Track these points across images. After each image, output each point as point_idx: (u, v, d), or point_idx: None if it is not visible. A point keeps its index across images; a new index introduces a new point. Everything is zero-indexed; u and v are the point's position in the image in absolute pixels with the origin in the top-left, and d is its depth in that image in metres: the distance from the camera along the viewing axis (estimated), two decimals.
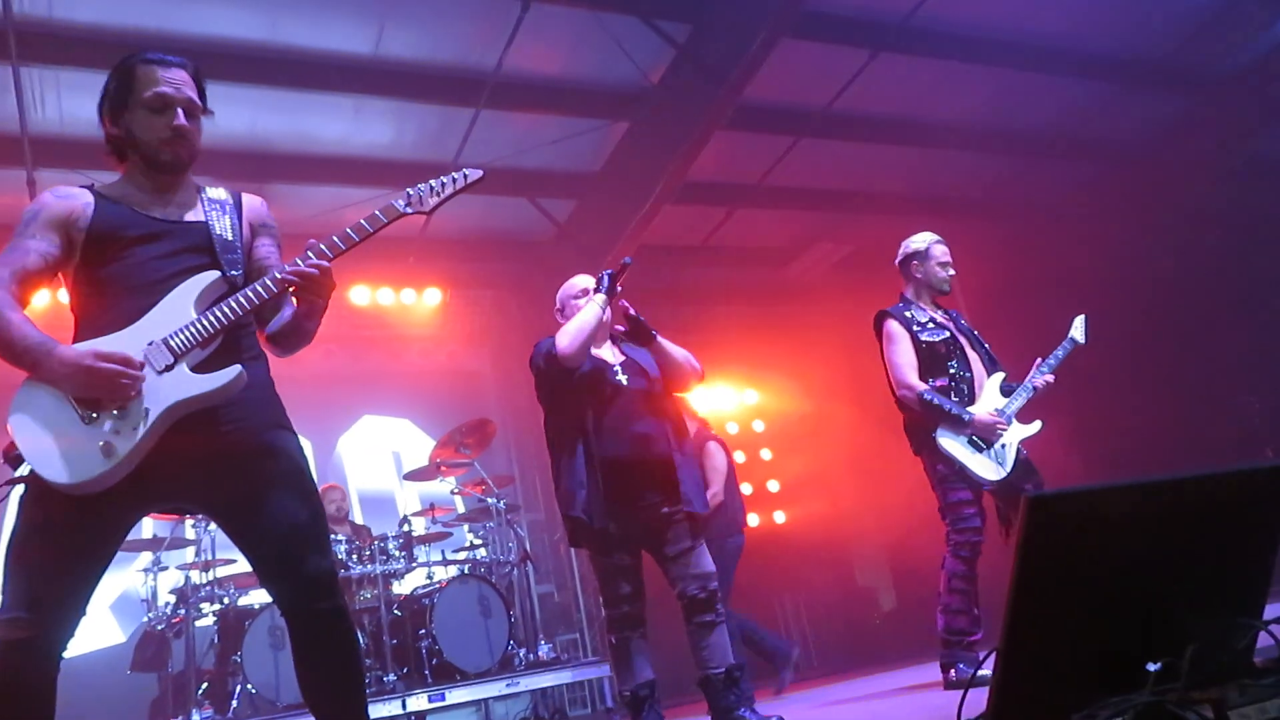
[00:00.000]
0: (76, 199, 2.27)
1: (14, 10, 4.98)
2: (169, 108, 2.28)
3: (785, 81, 6.65)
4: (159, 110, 2.28)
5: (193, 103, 2.33)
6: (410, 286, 8.06)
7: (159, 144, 2.29)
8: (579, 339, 3.59)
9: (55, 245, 2.21)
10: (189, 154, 2.35)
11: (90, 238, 2.23)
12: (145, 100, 2.27)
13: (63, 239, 2.22)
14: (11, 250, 2.19)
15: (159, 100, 2.27)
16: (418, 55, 6.17)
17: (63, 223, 2.23)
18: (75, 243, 2.23)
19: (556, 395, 3.75)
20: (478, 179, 2.47)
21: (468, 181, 2.46)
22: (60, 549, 2.07)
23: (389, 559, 5.71)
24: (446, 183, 2.44)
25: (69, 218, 2.23)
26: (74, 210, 2.24)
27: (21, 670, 2.03)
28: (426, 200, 2.41)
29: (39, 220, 2.22)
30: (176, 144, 2.31)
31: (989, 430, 4.10)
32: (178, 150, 2.32)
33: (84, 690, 4.99)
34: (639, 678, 3.59)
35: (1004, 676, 1.59)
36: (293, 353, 2.41)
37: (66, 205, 2.25)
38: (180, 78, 2.32)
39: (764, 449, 9.88)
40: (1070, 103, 7.67)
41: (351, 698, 2.24)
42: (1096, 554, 1.61)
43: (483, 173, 2.47)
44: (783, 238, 9.23)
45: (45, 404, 2.08)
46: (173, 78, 2.30)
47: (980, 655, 3.89)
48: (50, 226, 2.22)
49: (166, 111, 2.28)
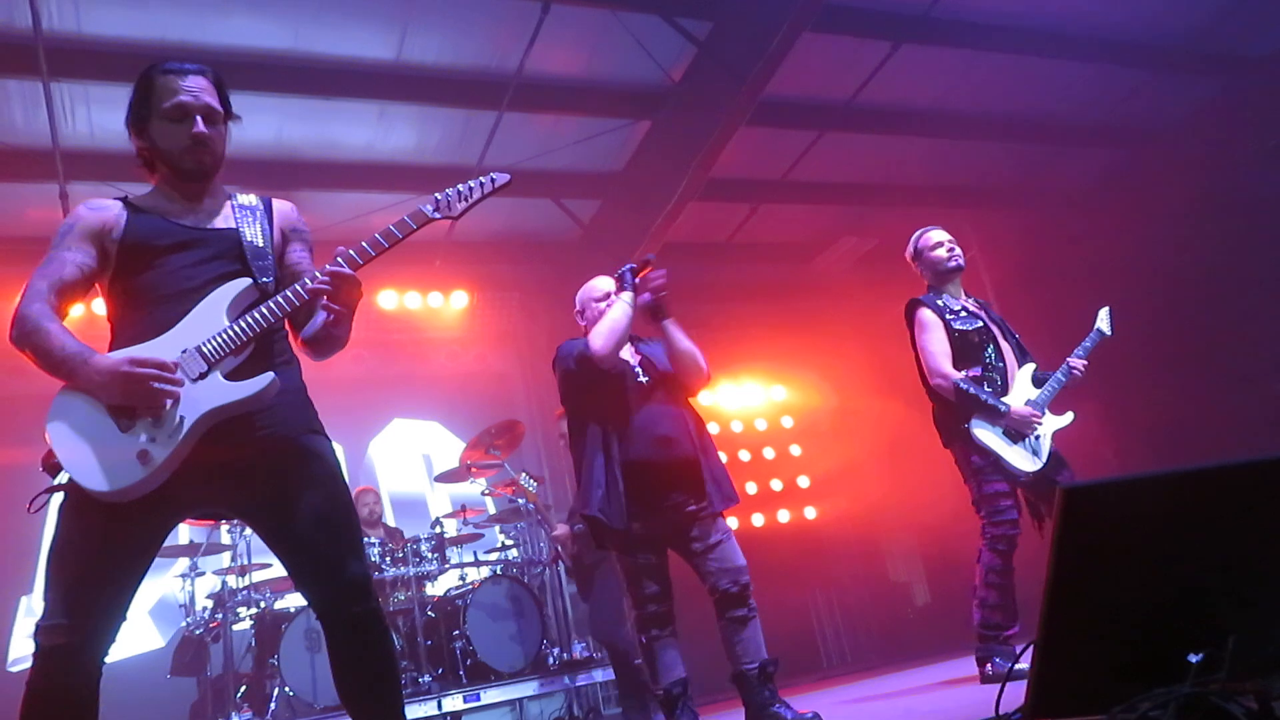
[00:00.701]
0: (109, 210, 2.30)
1: (44, 27, 5.05)
2: (188, 116, 2.30)
3: (807, 76, 6.63)
4: (178, 119, 2.30)
5: (212, 109, 2.34)
6: (437, 290, 8.11)
7: (180, 152, 2.32)
8: (612, 339, 3.58)
9: (91, 257, 2.25)
10: (212, 160, 2.37)
11: (124, 248, 2.26)
12: (165, 111, 2.30)
13: (98, 250, 2.26)
14: (49, 263, 2.23)
15: (178, 110, 2.30)
16: (440, 60, 6.19)
17: (97, 234, 2.26)
18: (110, 254, 2.26)
19: (579, 397, 3.76)
20: (505, 183, 2.46)
21: (495, 186, 2.45)
22: (99, 556, 2.10)
23: (422, 561, 5.75)
24: (474, 187, 2.43)
25: (103, 229, 2.27)
26: (107, 221, 2.28)
27: (65, 677, 2.06)
28: (455, 205, 2.41)
29: (74, 233, 2.26)
30: (198, 151, 2.32)
31: (1025, 424, 4.05)
32: (199, 157, 2.33)
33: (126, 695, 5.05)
34: (671, 676, 3.59)
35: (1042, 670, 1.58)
36: (327, 357, 2.43)
37: (100, 217, 2.28)
38: (198, 85, 2.33)
39: (793, 445, 9.84)
40: (1096, 88, 7.58)
41: (388, 699, 2.26)
42: (1134, 545, 1.60)
43: (510, 177, 2.46)
44: (807, 233, 9.19)
45: (82, 412, 2.11)
46: (190, 85, 2.32)
47: (1017, 649, 3.86)
48: (85, 238, 2.25)
49: (185, 120, 2.30)
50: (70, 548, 2.11)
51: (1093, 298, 4.50)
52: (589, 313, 3.87)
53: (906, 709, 3.86)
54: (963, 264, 4.44)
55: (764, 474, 9.51)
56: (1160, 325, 7.35)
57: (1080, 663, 1.60)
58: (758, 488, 9.39)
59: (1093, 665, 1.61)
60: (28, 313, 2.15)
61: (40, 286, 2.18)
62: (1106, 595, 1.59)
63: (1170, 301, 7.49)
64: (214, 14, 5.45)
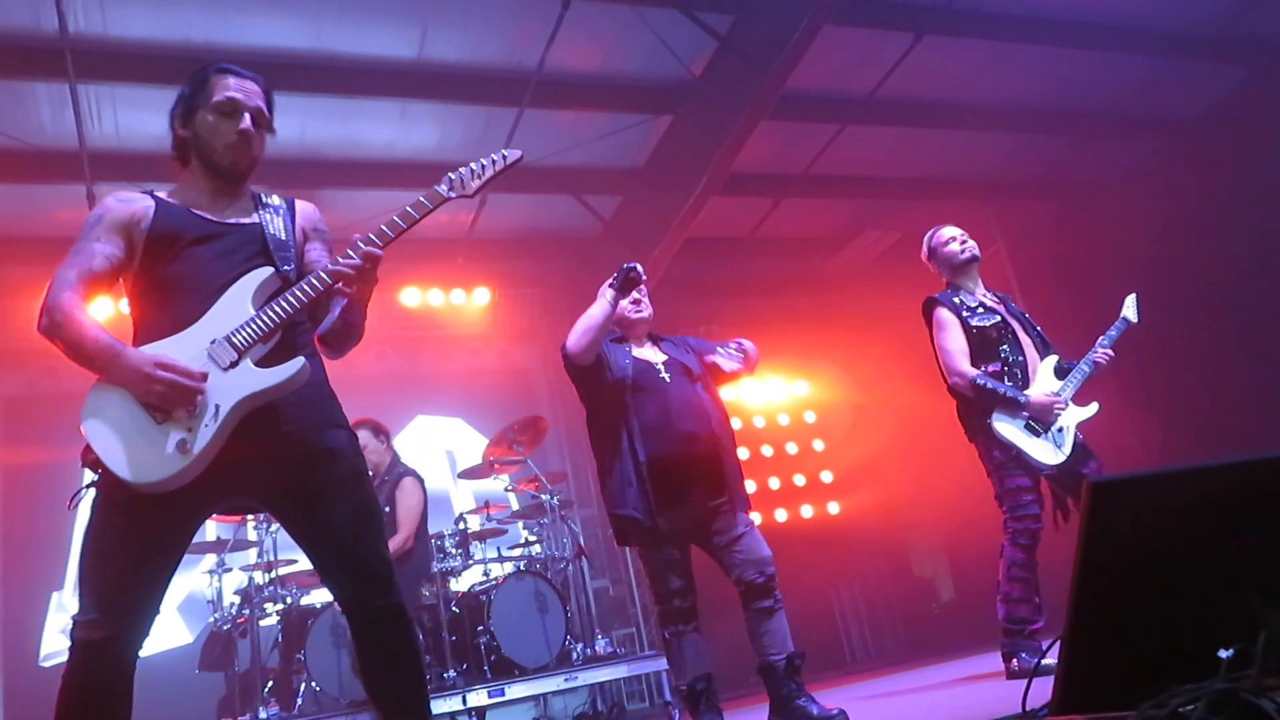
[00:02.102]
0: (138, 203, 2.33)
1: (70, 29, 5.10)
2: (238, 112, 2.36)
3: (829, 69, 6.60)
4: (228, 114, 2.36)
5: (261, 112, 2.41)
6: (460, 287, 8.14)
7: (224, 147, 2.36)
8: (586, 336, 3.61)
9: (119, 248, 2.28)
10: (248, 161, 2.41)
11: (150, 239, 2.29)
12: (216, 104, 2.35)
13: (125, 241, 2.29)
14: (77, 253, 2.25)
15: (230, 104, 2.36)
16: (460, 57, 6.21)
17: (125, 226, 2.29)
18: (137, 245, 2.29)
19: (599, 395, 3.76)
20: (516, 159, 2.48)
21: (507, 162, 2.47)
22: (133, 552, 2.12)
23: (446, 556, 5.77)
24: (486, 165, 2.45)
25: (131, 220, 2.30)
26: (135, 213, 2.31)
27: (101, 672, 2.09)
28: (468, 183, 2.43)
29: (103, 223, 2.28)
30: (239, 149, 2.37)
31: (1046, 411, 4.02)
32: (238, 155, 2.38)
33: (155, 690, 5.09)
34: (694, 671, 3.59)
35: (1069, 665, 1.57)
36: (344, 352, 2.44)
37: (129, 209, 2.31)
38: (252, 88, 2.41)
39: (815, 440, 9.82)
40: (1121, 79, 7.50)
41: (413, 693, 2.28)
42: (1162, 540, 1.58)
43: (521, 153, 2.48)
44: (829, 227, 9.15)
45: (117, 407, 2.13)
46: (245, 86, 2.39)
47: (1043, 644, 3.83)
48: (114, 229, 2.28)
49: (235, 116, 2.36)
50: (104, 544, 2.13)
51: (1118, 289, 4.46)
52: None
53: (931, 704, 3.85)
54: (977, 255, 4.42)
55: (787, 469, 9.50)
56: (1188, 315, 7.27)
57: (1108, 658, 1.58)
58: (780, 483, 9.38)
59: (1120, 660, 1.59)
60: (57, 302, 2.17)
61: (69, 276, 2.21)
62: (1135, 590, 1.58)
63: (1198, 292, 7.41)
64: (237, 14, 5.49)
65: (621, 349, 3.80)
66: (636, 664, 5.83)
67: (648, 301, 3.88)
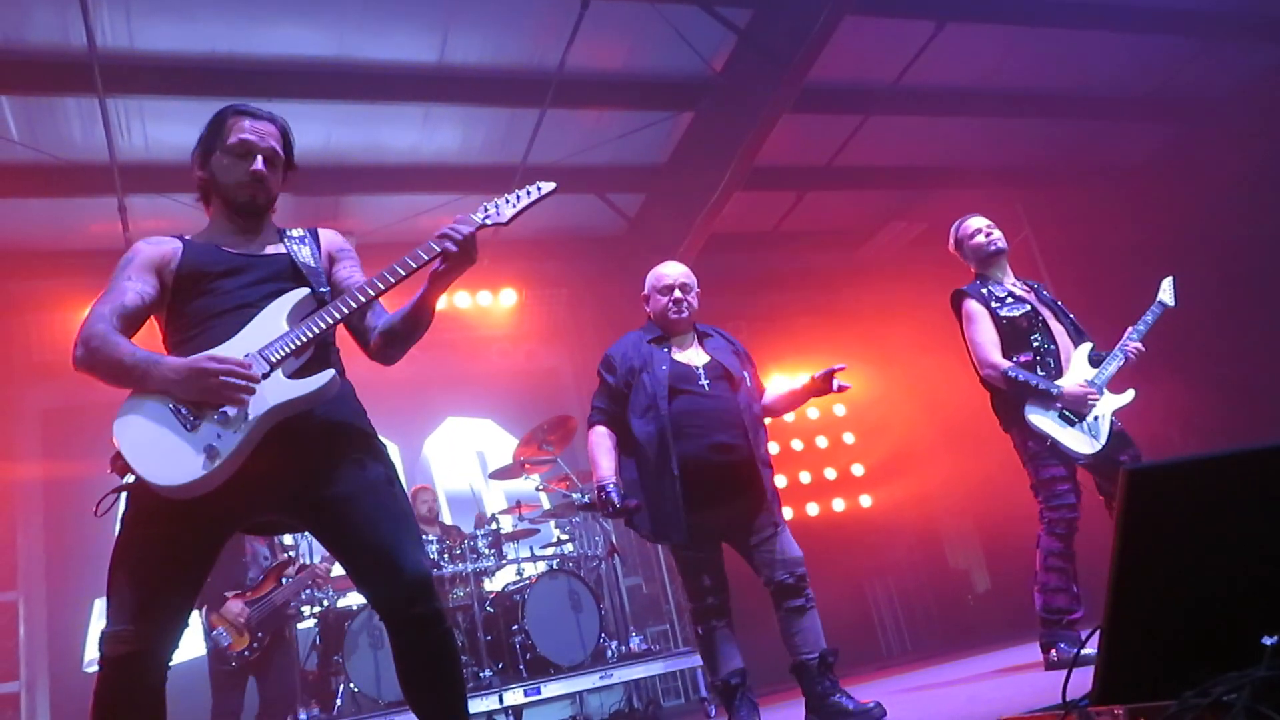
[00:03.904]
0: (167, 244, 2.40)
1: (98, 44, 5.18)
2: (250, 154, 2.40)
3: (851, 60, 6.56)
4: (242, 155, 2.40)
5: (275, 152, 2.45)
6: (486, 289, 8.19)
7: (237, 186, 2.42)
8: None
9: (152, 286, 2.33)
10: (265, 198, 2.46)
11: (180, 278, 2.35)
12: (230, 146, 2.40)
13: (158, 280, 2.34)
14: (109, 291, 2.30)
15: (242, 146, 2.40)
16: (482, 60, 6.24)
17: (157, 266, 2.35)
18: (167, 285, 2.35)
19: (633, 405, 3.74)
20: (550, 191, 2.53)
21: (541, 194, 2.52)
22: (162, 563, 2.14)
23: (479, 557, 5.81)
24: (522, 195, 2.51)
25: (162, 261, 2.36)
26: (165, 254, 2.37)
27: (132, 682, 2.10)
28: (503, 211, 2.49)
29: (135, 264, 2.34)
30: (254, 188, 2.42)
31: (1080, 402, 3.98)
32: (254, 194, 2.43)
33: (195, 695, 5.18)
34: (729, 666, 3.59)
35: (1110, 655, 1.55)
36: (403, 351, 2.45)
37: (159, 250, 2.38)
38: (266, 129, 2.45)
39: (846, 433, 9.77)
40: (1147, 60, 7.40)
41: (452, 697, 2.28)
42: (1202, 526, 1.55)
43: (556, 185, 2.53)
44: (855, 219, 9.10)
45: (149, 413, 2.16)
46: (258, 128, 2.44)
47: (1082, 634, 3.80)
48: (145, 269, 2.34)
49: (248, 157, 2.40)
50: (133, 555, 2.15)
51: (1150, 274, 4.39)
52: (652, 301, 3.87)
53: (970, 696, 3.82)
54: (1004, 246, 4.35)
55: (818, 463, 9.46)
56: (1224, 299, 7.16)
57: (1149, 647, 1.56)
58: (811, 477, 9.35)
59: (1162, 649, 1.57)
60: (92, 332, 2.21)
61: (102, 311, 2.25)
62: (1175, 578, 1.56)
63: (1232, 274, 7.30)
64: (261, 25, 5.56)
65: (660, 351, 3.76)
66: (671, 660, 5.84)
67: (691, 300, 3.82)
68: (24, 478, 6.81)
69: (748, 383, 3.79)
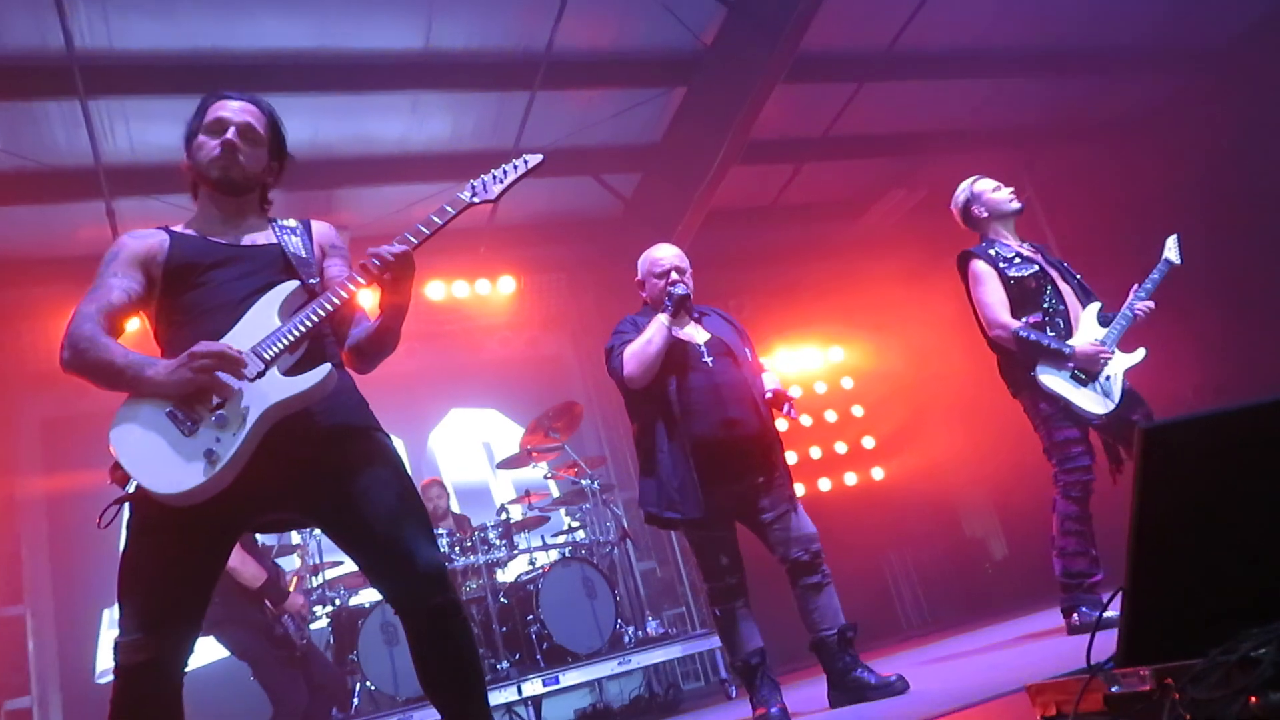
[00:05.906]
0: (153, 238, 2.35)
1: (76, 45, 5.10)
2: (223, 129, 2.37)
3: (843, 27, 6.45)
4: (215, 133, 2.37)
5: (250, 127, 2.40)
6: (484, 277, 8.12)
7: (210, 163, 2.37)
8: (645, 366, 3.55)
9: (138, 282, 2.28)
10: (239, 174, 2.39)
11: (168, 271, 2.30)
12: (206, 124, 2.39)
13: (144, 275, 2.30)
14: (96, 289, 2.26)
15: (217, 123, 2.38)
16: (468, 44, 6.14)
17: (142, 260, 2.30)
18: (155, 279, 2.30)
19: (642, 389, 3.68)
20: (538, 163, 2.50)
21: (529, 167, 2.49)
22: (170, 570, 2.11)
23: (491, 548, 5.78)
24: (509, 170, 2.47)
25: (148, 255, 2.31)
26: (151, 248, 2.32)
27: (148, 690, 2.08)
28: (491, 188, 2.45)
29: (119, 259, 2.30)
30: (224, 159, 2.36)
31: (1093, 361, 3.92)
32: (225, 166, 2.37)
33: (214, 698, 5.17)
34: (748, 646, 3.57)
35: (1133, 616, 1.51)
36: (374, 364, 2.43)
37: (144, 244, 2.33)
38: (243, 107, 2.42)
39: (855, 405, 9.70)
40: (1145, 10, 7.26)
41: (471, 689, 2.24)
42: (1220, 481, 1.51)
43: (543, 157, 2.50)
44: (854, 189, 9.00)
45: (145, 420, 2.12)
46: (234, 106, 2.41)
47: (1104, 597, 3.74)
48: (131, 264, 2.29)
49: (222, 133, 2.37)
50: (141, 564, 2.12)
51: (1157, 230, 4.33)
52: (649, 286, 3.83)
53: (992, 664, 3.77)
54: (1022, 205, 4.34)
55: (827, 437, 9.40)
56: (1233, 251, 7.05)
57: (1172, 605, 1.52)
58: (822, 452, 9.30)
59: (1186, 607, 1.53)
60: (79, 333, 2.16)
61: (88, 310, 2.20)
62: (1195, 534, 1.52)
63: (1242, 226, 7.18)
64: (241, 18, 5.47)
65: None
66: (689, 643, 5.81)
67: (687, 282, 3.78)
68: (27, 490, 6.77)
69: (749, 359, 3.75)
